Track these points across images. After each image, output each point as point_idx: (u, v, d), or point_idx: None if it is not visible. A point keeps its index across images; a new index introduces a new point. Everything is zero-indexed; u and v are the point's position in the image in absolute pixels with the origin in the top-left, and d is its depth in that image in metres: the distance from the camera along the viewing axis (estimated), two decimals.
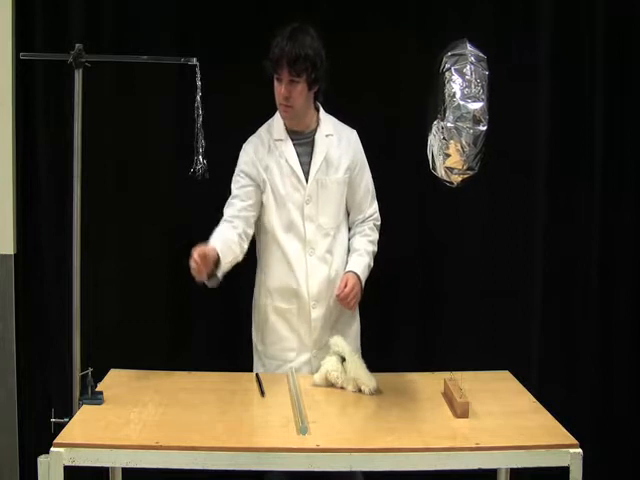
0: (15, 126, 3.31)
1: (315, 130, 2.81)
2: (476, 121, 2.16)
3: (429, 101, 2.32)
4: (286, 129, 2.79)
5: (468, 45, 2.26)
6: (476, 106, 2.17)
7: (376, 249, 2.88)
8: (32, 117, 3.33)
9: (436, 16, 3.35)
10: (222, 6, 3.31)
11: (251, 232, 2.79)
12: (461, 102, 2.16)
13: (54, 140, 3.29)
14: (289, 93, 2.67)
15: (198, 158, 2.48)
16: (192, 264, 2.43)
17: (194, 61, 2.43)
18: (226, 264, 2.60)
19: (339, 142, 2.82)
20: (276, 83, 2.70)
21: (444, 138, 2.18)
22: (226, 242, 2.64)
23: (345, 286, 2.74)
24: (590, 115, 3.42)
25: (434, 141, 2.25)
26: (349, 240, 2.88)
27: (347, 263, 2.83)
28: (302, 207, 2.77)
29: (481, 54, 2.25)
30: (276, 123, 2.81)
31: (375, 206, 2.92)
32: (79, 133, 2.44)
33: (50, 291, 3.38)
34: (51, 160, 3.32)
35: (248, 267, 3.39)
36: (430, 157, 2.30)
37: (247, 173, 2.80)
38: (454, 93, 2.17)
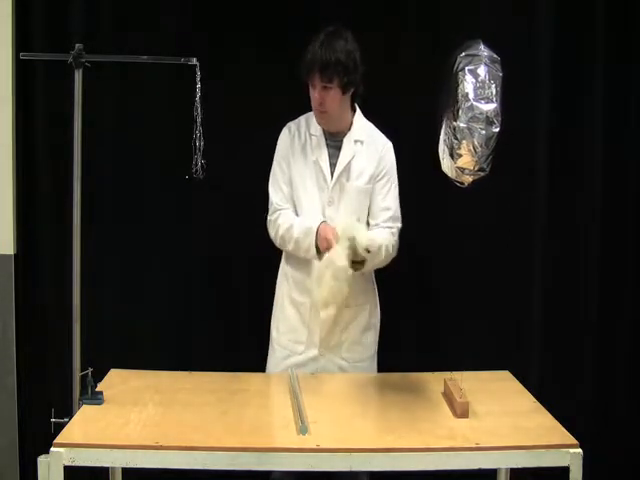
0: (15, 126, 3.31)
1: (346, 134, 2.80)
2: (489, 122, 2.15)
3: (439, 100, 2.32)
4: (322, 127, 2.80)
5: (482, 46, 2.25)
6: (489, 107, 2.16)
7: (390, 251, 2.76)
8: (32, 117, 3.33)
9: (436, 16, 3.35)
10: (222, 6, 3.31)
11: None
12: (474, 103, 2.15)
13: (54, 140, 3.29)
14: (323, 99, 2.67)
15: (197, 158, 2.48)
16: (326, 243, 2.58)
17: (194, 61, 2.43)
18: None
19: (367, 150, 2.80)
20: (310, 89, 2.70)
21: (456, 138, 2.16)
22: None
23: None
24: (590, 114, 3.42)
25: (446, 141, 2.24)
26: None
27: None
28: (325, 208, 2.77)
29: (495, 55, 2.25)
30: (313, 118, 2.81)
31: (393, 224, 2.81)
32: (79, 133, 2.44)
33: (50, 291, 3.38)
34: (51, 160, 3.32)
35: (247, 268, 3.42)
36: (441, 157, 2.29)
37: (288, 160, 2.81)
38: (467, 93, 2.16)
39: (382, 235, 2.75)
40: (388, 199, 2.82)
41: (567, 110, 3.40)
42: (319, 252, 2.65)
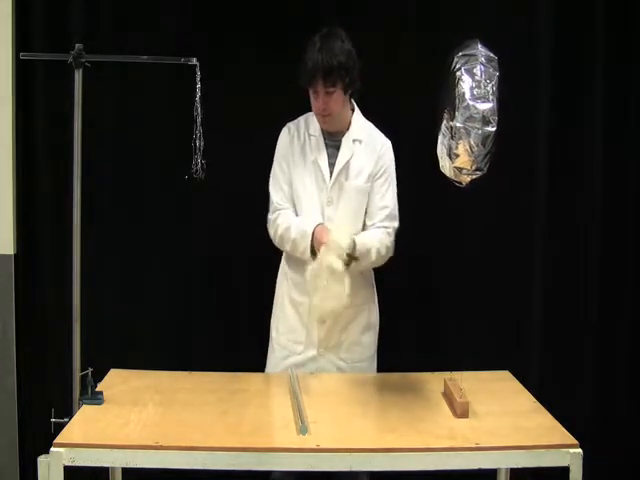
0: (15, 126, 3.31)
1: (345, 133, 2.81)
2: (485, 122, 2.15)
3: (438, 101, 2.32)
4: (321, 127, 2.80)
5: (479, 45, 2.26)
6: (485, 107, 2.16)
7: (383, 252, 2.76)
8: (32, 117, 3.33)
9: (436, 16, 3.35)
10: (222, 6, 3.31)
11: None
12: (470, 102, 2.15)
13: (54, 140, 3.29)
14: (326, 104, 2.67)
15: (197, 158, 2.48)
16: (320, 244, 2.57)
17: (194, 61, 2.43)
18: None
19: (366, 149, 2.80)
20: (312, 95, 2.69)
21: (453, 138, 2.17)
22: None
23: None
24: (590, 114, 3.42)
25: (443, 141, 2.25)
26: None
27: None
28: (324, 208, 2.78)
29: (492, 54, 2.25)
30: (312, 118, 2.81)
31: (390, 224, 2.80)
32: (79, 133, 2.44)
33: (50, 291, 3.38)
34: (51, 160, 3.32)
35: (247, 268, 3.42)
36: (439, 157, 2.30)
37: (287, 160, 2.82)
38: (463, 93, 2.16)
39: (375, 236, 2.75)
40: (386, 198, 2.82)
41: (567, 110, 3.40)
42: (315, 254, 2.65)
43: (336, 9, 3.30)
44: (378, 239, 2.75)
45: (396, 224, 2.84)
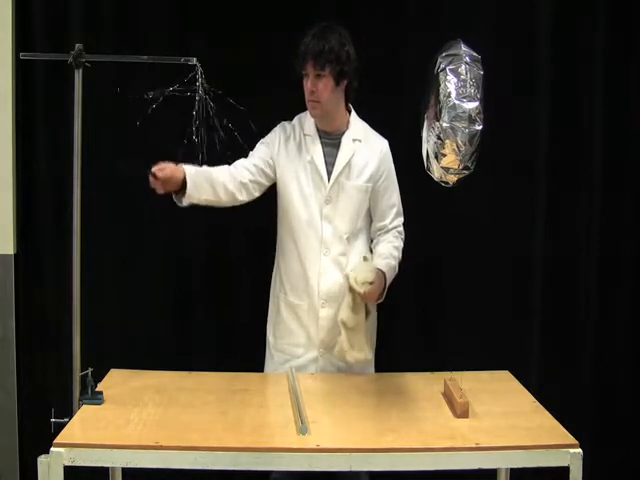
0: (15, 126, 3.31)
1: (344, 133, 2.82)
2: (471, 120, 2.17)
3: (422, 101, 2.33)
4: (316, 127, 2.81)
5: (462, 45, 2.27)
6: (471, 106, 2.17)
7: (400, 256, 2.85)
8: (32, 117, 3.33)
9: (437, 15, 3.35)
10: (222, 6, 3.31)
11: (255, 193, 2.80)
12: (456, 102, 2.17)
13: (54, 140, 3.29)
14: (315, 87, 2.68)
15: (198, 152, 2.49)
16: (151, 177, 2.52)
17: (194, 61, 2.43)
18: (199, 199, 2.68)
19: (366, 149, 2.82)
20: (304, 80, 2.72)
21: (440, 138, 2.18)
22: (210, 179, 2.69)
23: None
24: (590, 115, 3.42)
25: (429, 141, 2.26)
26: (372, 248, 2.87)
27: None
28: (322, 206, 2.78)
29: (475, 54, 2.26)
30: (308, 118, 2.83)
31: (399, 221, 2.90)
32: (79, 133, 2.44)
33: (50, 291, 3.38)
34: (51, 160, 3.32)
35: (244, 268, 3.42)
36: (425, 157, 2.30)
37: (270, 148, 2.83)
38: (449, 93, 2.18)
39: (390, 250, 2.81)
40: (393, 197, 2.87)
41: (567, 110, 3.40)
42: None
43: (336, 9, 3.29)
44: (394, 247, 2.84)
45: (402, 218, 2.91)
